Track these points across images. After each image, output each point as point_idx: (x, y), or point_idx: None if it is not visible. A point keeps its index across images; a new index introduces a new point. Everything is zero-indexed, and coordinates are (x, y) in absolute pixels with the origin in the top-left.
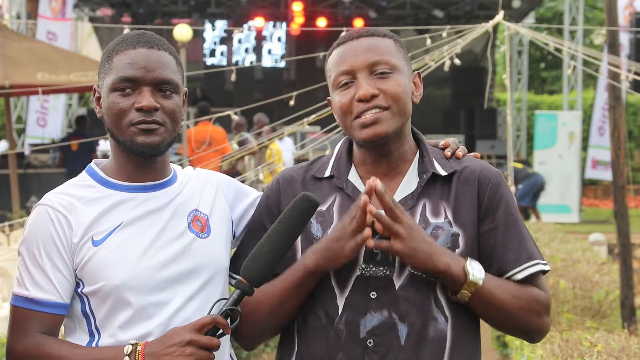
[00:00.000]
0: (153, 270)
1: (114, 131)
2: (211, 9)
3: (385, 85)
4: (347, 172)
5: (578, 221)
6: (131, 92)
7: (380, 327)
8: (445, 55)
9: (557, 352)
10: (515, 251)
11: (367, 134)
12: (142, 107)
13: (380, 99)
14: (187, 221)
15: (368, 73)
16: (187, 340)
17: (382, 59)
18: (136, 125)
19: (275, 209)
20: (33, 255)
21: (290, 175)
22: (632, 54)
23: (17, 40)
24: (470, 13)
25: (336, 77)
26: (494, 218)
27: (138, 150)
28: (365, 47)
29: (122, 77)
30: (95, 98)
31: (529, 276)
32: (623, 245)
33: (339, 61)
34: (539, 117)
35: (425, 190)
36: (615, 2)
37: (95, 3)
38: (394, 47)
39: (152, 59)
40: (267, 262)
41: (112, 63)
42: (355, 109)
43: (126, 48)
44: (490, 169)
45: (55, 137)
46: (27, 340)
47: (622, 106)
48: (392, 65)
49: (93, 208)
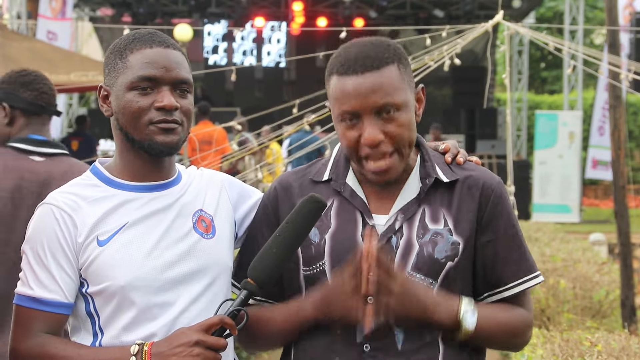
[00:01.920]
0: (158, 270)
1: (129, 130)
2: (211, 9)
3: (391, 129)
4: (345, 175)
5: (578, 221)
6: (150, 92)
7: (376, 332)
8: (445, 55)
9: (557, 352)
10: (516, 263)
11: (377, 180)
12: (163, 107)
13: (385, 145)
14: (192, 221)
15: (373, 115)
16: (195, 341)
17: (388, 102)
18: (156, 124)
19: (273, 218)
20: (37, 255)
21: (288, 182)
22: (632, 53)
23: (17, 40)
24: (470, 13)
25: (339, 114)
26: (495, 230)
27: (157, 149)
28: (369, 88)
29: (142, 76)
30: (101, 96)
31: (522, 291)
32: (623, 245)
33: (342, 98)
34: (539, 117)
35: (426, 196)
36: (615, 2)
37: (96, 3)
38: (399, 75)
39: (170, 59)
40: (275, 263)
41: (128, 61)
42: (362, 150)
43: (142, 47)
44: (492, 179)
45: (55, 137)
46: (31, 340)
47: (622, 106)
48: (398, 105)
49: (98, 207)
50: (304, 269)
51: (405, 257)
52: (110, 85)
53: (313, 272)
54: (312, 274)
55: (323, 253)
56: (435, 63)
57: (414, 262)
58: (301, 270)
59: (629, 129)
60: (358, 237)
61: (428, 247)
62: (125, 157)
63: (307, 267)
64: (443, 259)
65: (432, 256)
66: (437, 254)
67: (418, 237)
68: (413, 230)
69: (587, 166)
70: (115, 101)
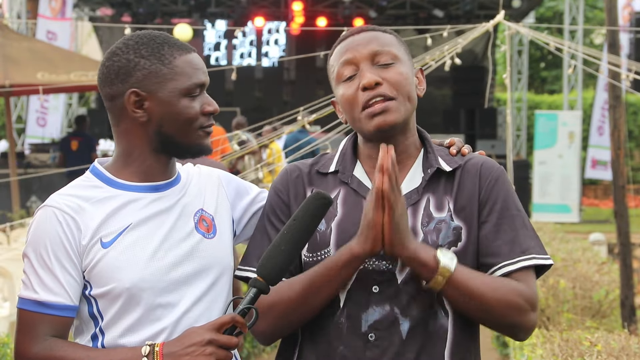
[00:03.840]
0: (163, 271)
1: (176, 135)
2: (211, 8)
3: (389, 74)
4: (353, 167)
5: (578, 221)
6: (197, 97)
7: (381, 322)
8: (446, 55)
9: (557, 351)
10: (508, 244)
11: (378, 122)
12: (213, 111)
13: (384, 88)
14: (193, 221)
15: (371, 63)
16: (207, 340)
17: (383, 50)
18: (205, 129)
19: (285, 197)
20: (41, 258)
21: (297, 167)
22: (631, 53)
23: (17, 40)
24: (470, 13)
25: (339, 70)
26: (491, 210)
27: (204, 152)
28: (367, 39)
29: (197, 83)
30: (132, 102)
31: (518, 271)
32: (623, 245)
33: (341, 54)
34: (539, 116)
35: (430, 185)
36: (615, 2)
37: (95, 3)
38: (396, 40)
39: (203, 64)
40: (284, 260)
41: (176, 67)
42: (360, 98)
43: (182, 52)
44: (492, 164)
45: (55, 136)
46: (38, 344)
47: (622, 106)
48: (394, 56)
49: (101, 209)
50: (307, 255)
51: None
52: (152, 92)
53: (316, 259)
54: (314, 261)
55: (329, 241)
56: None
57: None
58: (303, 256)
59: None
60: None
61: (432, 235)
62: (143, 160)
63: (310, 253)
64: (446, 245)
65: (437, 244)
66: (441, 241)
67: (423, 225)
68: (418, 219)
69: (587, 166)
70: (160, 107)
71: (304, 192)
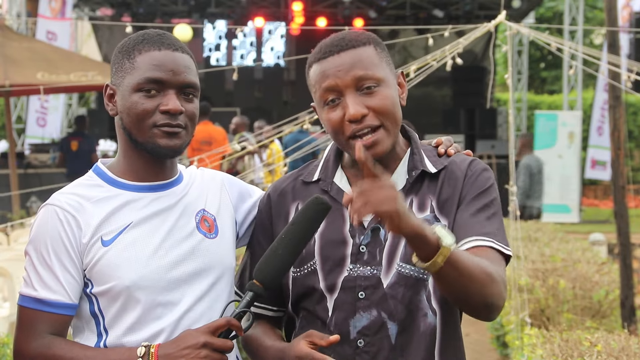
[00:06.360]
0: (163, 270)
1: (132, 131)
2: (211, 9)
3: (374, 102)
4: (333, 175)
5: (578, 221)
6: (156, 94)
7: (369, 327)
8: (447, 55)
9: (557, 352)
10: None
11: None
12: (168, 110)
13: (370, 119)
14: (195, 221)
15: (354, 90)
16: (202, 343)
17: (366, 74)
18: (160, 127)
19: (268, 223)
20: (41, 256)
21: (280, 188)
22: (631, 53)
23: (17, 40)
24: (470, 13)
25: (322, 95)
26: (465, 202)
27: (160, 152)
28: (348, 63)
29: (149, 78)
30: (107, 95)
31: (476, 248)
32: (623, 245)
33: (322, 78)
34: (539, 117)
35: (414, 187)
36: (615, 2)
37: (95, 3)
38: (376, 55)
39: (178, 62)
40: (280, 265)
41: (135, 62)
42: (347, 129)
43: (150, 48)
44: (477, 162)
45: (55, 137)
46: (36, 341)
47: (622, 106)
48: (378, 79)
49: (102, 208)
50: (294, 271)
51: (394, 248)
52: (117, 85)
53: (303, 273)
54: (303, 275)
55: (313, 252)
56: (438, 63)
57: (402, 253)
58: (290, 273)
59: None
60: (346, 232)
61: None
62: (129, 157)
63: (297, 268)
64: None
65: None
66: None
67: None
68: None
69: (586, 166)
70: (120, 101)
71: (287, 210)
